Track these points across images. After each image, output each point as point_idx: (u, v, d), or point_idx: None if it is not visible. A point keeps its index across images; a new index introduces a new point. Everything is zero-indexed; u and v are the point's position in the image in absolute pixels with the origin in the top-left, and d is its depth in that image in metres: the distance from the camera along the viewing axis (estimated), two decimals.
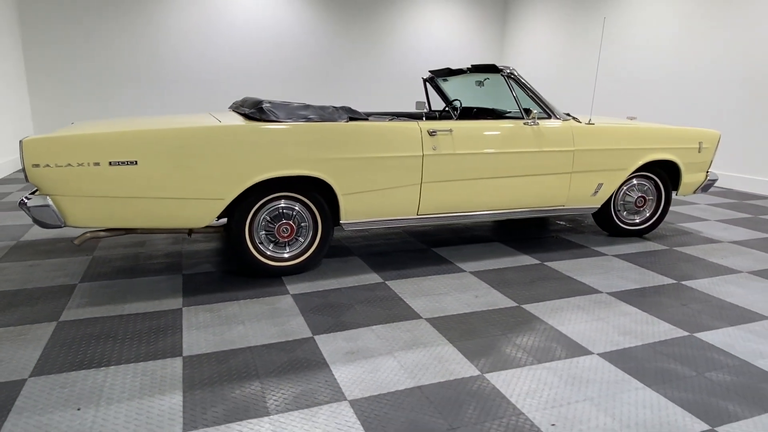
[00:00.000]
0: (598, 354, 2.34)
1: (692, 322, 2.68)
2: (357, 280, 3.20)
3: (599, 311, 2.79)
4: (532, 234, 4.28)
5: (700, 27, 6.73)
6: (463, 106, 4.69)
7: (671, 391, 2.05)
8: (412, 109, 10.03)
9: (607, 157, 3.83)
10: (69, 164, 2.65)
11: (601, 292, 3.05)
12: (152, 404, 1.93)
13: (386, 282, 3.18)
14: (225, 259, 3.55)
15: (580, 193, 3.83)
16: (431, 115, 4.81)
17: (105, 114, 8.14)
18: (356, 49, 9.36)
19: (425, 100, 4.97)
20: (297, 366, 2.21)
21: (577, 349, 2.38)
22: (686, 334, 2.54)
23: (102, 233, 2.92)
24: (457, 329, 2.56)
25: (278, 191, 3.11)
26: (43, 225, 2.71)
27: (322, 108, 3.21)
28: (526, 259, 3.63)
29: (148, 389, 2.02)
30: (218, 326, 2.56)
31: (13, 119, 6.96)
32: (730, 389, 2.07)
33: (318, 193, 3.21)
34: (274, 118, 3.08)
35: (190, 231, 3.16)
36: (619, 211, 4.16)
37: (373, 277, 3.25)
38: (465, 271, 3.39)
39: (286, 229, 3.17)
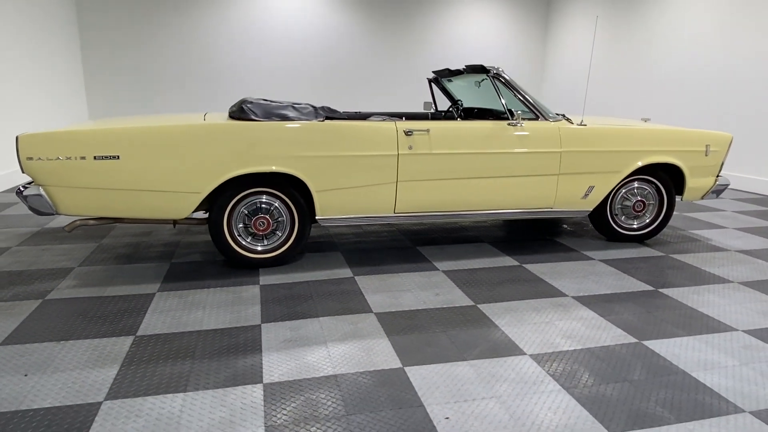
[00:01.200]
0: (529, 354, 2.33)
1: (648, 330, 2.60)
2: (329, 274, 3.31)
3: (553, 314, 2.76)
4: (525, 236, 4.23)
5: (744, 25, 6.34)
6: (465, 106, 4.70)
7: (585, 396, 2.02)
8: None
9: (598, 160, 3.73)
10: (58, 158, 2.93)
11: (566, 296, 3.00)
12: (87, 375, 2.13)
13: (355, 277, 3.27)
14: (216, 250, 3.76)
15: (568, 195, 3.76)
16: (437, 116, 4.84)
17: (155, 112, 8.70)
18: (392, 50, 9.46)
19: (431, 101, 5.00)
20: (232, 350, 2.35)
21: (510, 349, 2.38)
22: (634, 341, 2.48)
23: (91, 221, 3.19)
24: (400, 324, 2.62)
25: (256, 187, 3.28)
26: (38, 212, 3.00)
27: (302, 107, 3.35)
28: (506, 261, 3.61)
29: (92, 362, 2.23)
30: (180, 311, 2.75)
31: (71, 118, 7.58)
32: (653, 398, 2.02)
33: (294, 189, 3.35)
34: (253, 117, 3.25)
35: (174, 222, 3.39)
36: (616, 215, 4.04)
37: (345, 272, 3.36)
38: (438, 269, 3.43)
39: (263, 222, 3.33)
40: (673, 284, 3.21)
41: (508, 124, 3.58)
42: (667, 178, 4.00)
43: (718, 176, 4.11)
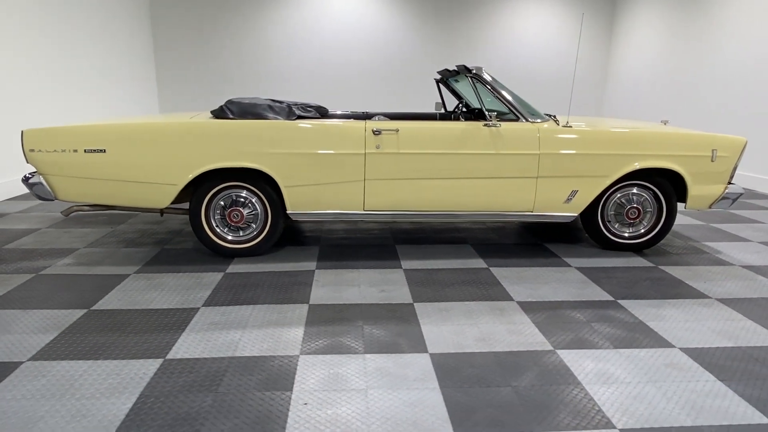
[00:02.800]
0: (429, 353, 2.34)
1: (570, 339, 2.49)
2: (293, 266, 3.47)
3: (481, 317, 2.72)
4: (515, 240, 4.13)
5: None
6: (472, 106, 4.66)
7: (452, 395, 2.02)
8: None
9: (581, 163, 3.58)
10: (55, 150, 3.33)
11: (512, 301, 2.94)
12: (25, 339, 2.44)
13: (316, 270, 3.40)
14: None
15: (549, 199, 3.63)
16: (445, 116, 4.84)
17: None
18: (444, 50, 9.45)
19: (441, 101, 4.99)
20: (160, 328, 2.57)
21: (413, 346, 2.40)
22: (549, 349, 2.40)
23: (86, 208, 3.58)
24: (326, 316, 2.72)
25: (232, 181, 3.51)
26: (40, 198, 3.43)
27: (278, 107, 3.53)
28: (476, 263, 3.57)
29: (35, 329, 2.54)
30: (141, 291, 3.03)
31: (141, 112, 8.37)
32: (522, 404, 1.97)
33: (267, 184, 3.54)
34: (230, 116, 3.49)
35: (162, 211, 3.70)
36: (609, 222, 3.84)
37: (309, 265, 3.49)
38: (401, 268, 3.47)
39: (236, 215, 3.56)
40: (638, 296, 3.03)
41: (484, 125, 3.54)
42: (666, 184, 3.74)
43: (729, 183, 3.77)
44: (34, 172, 3.45)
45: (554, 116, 3.93)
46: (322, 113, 4.45)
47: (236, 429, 1.81)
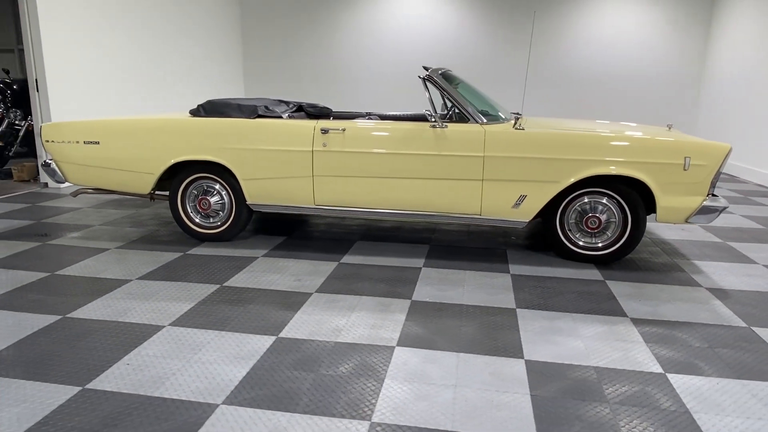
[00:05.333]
0: (276, 337, 2.50)
1: (424, 337, 2.49)
2: (242, 253, 3.78)
3: (363, 313, 2.79)
4: (489, 243, 4.05)
5: None
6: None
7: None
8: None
9: (529, 167, 3.43)
10: (63, 141, 3.99)
11: (408, 299, 2.96)
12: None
13: (259, 258, 3.68)
14: None
15: (495, 203, 3.54)
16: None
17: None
18: (521, 50, 9.19)
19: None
20: (95, 292, 3.02)
21: (261, 329, 2.57)
22: (392, 345, 2.43)
23: (90, 190, 4.21)
24: (226, 298, 2.98)
25: (202, 173, 3.92)
26: (56, 181, 4.13)
27: (246, 107, 3.86)
28: (415, 263, 3.60)
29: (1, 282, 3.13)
30: (105, 263, 3.54)
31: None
32: (303, 391, 2.07)
33: (232, 177, 3.89)
34: (201, 114, 3.90)
35: (151, 197, 4.21)
36: (570, 231, 3.62)
37: (256, 252, 3.78)
38: (338, 262, 3.61)
39: (205, 203, 3.96)
40: (546, 307, 2.87)
41: (431, 126, 3.56)
42: (632, 193, 3.44)
43: (708, 195, 3.37)
44: (51, 160, 4.15)
45: (517, 115, 3.79)
46: (325, 114, 4.72)
47: (339, 405, 1.98)
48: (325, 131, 3.65)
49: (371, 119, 4.53)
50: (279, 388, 2.08)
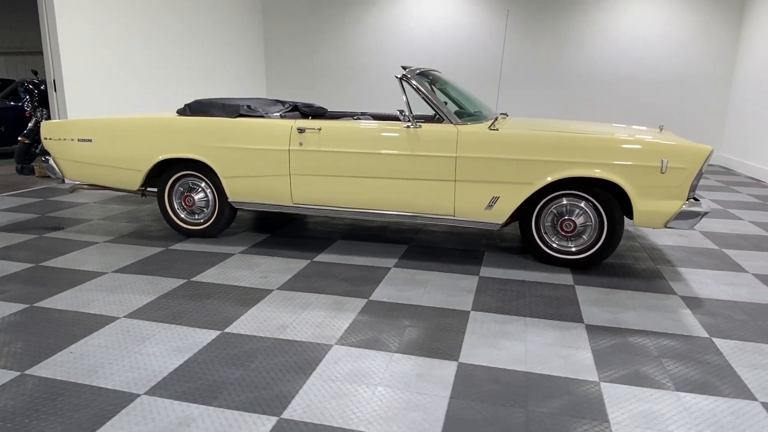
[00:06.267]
0: (221, 331, 2.56)
1: (360, 338, 2.49)
2: (219, 249, 3.86)
3: (315, 311, 2.82)
4: (461, 245, 4.00)
5: None
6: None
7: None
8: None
9: (501, 168, 3.38)
10: (60, 138, 4.17)
11: (364, 299, 2.97)
12: None
13: (236, 254, 3.75)
14: None
15: (468, 204, 3.49)
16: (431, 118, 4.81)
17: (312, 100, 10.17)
18: (548, 50, 9.02)
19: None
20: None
21: (213, 324, 2.63)
22: (328, 343, 2.44)
23: (85, 186, 4.39)
24: (193, 293, 3.06)
25: (188, 170, 4.02)
26: (54, 177, 4.32)
27: (229, 106, 3.94)
28: (385, 263, 3.59)
29: None
30: (89, 254, 3.69)
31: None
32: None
33: (215, 175, 3.98)
34: (187, 113, 4.01)
35: (142, 193, 4.35)
36: (546, 234, 3.54)
37: (234, 249, 3.85)
38: (310, 260, 3.64)
39: (190, 200, 4.07)
40: (502, 311, 2.82)
41: (405, 126, 3.55)
42: (608, 197, 3.34)
43: (694, 200, 3.23)
44: (49, 157, 4.35)
45: (497, 116, 3.73)
46: (319, 114, 4.77)
47: (256, 401, 2.01)
48: (301, 131, 3.69)
49: (360, 119, 4.55)
50: (204, 381, 2.12)
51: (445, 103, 4.22)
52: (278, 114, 4.13)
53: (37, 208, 5.06)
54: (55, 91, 6.11)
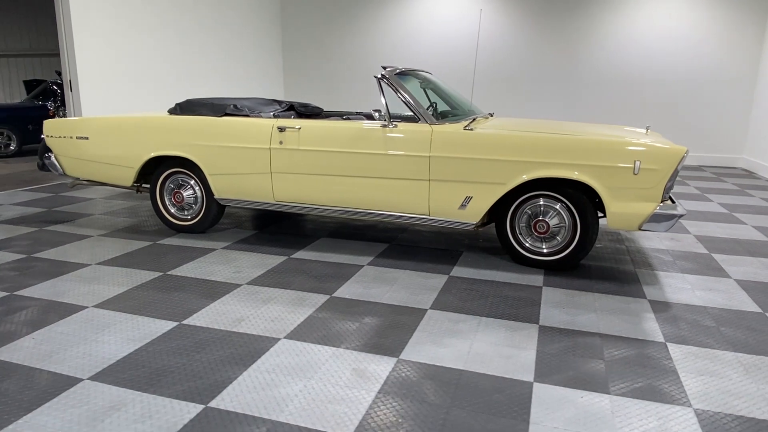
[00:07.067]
0: (173, 328, 2.65)
1: (296, 330, 2.54)
2: (205, 244, 3.97)
3: (272, 306, 2.88)
4: (442, 245, 4.01)
5: None
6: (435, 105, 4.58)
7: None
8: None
9: (472, 168, 3.37)
10: (59, 136, 4.36)
11: (327, 295, 3.01)
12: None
13: (218, 249, 3.85)
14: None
15: (442, 204, 3.50)
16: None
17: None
18: (572, 51, 8.90)
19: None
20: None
21: (162, 315, 2.72)
22: (274, 337, 2.50)
23: (84, 182, 4.57)
24: (166, 285, 3.17)
25: (177, 168, 4.16)
26: (56, 172, 4.52)
27: (216, 105, 4.06)
28: (359, 260, 3.63)
29: None
30: (85, 248, 3.86)
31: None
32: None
33: (201, 172, 4.09)
34: (178, 112, 4.14)
35: (137, 189, 4.50)
36: (521, 235, 3.51)
37: (217, 245, 3.95)
38: (287, 256, 3.71)
39: (179, 196, 4.19)
40: (460, 310, 2.82)
41: (381, 125, 3.58)
42: (580, 197, 3.30)
43: (665, 202, 3.16)
44: (51, 153, 4.55)
45: (474, 118, 3.72)
46: (315, 114, 4.86)
47: (189, 389, 2.07)
48: (281, 129, 3.76)
49: (351, 119, 4.60)
50: (147, 369, 2.21)
51: (435, 103, 4.25)
52: (272, 113, 4.21)
53: (47, 203, 5.30)
54: (71, 90, 6.37)
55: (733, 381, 2.18)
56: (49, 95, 9.35)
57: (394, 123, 3.56)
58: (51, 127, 4.40)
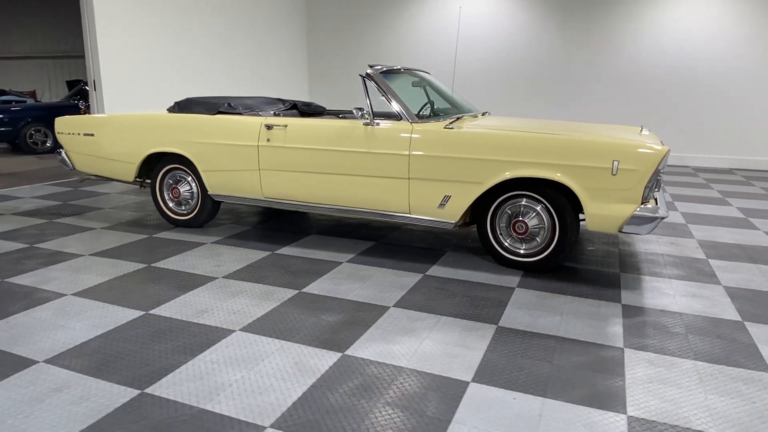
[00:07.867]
0: (138, 317, 2.74)
1: (254, 323, 2.59)
2: (197, 238, 4.08)
3: (231, 300, 2.95)
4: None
5: None
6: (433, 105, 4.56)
7: None
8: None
9: (450, 166, 3.35)
10: (69, 133, 4.58)
11: (298, 291, 3.06)
12: None
13: (207, 244, 3.96)
14: None
15: (422, 202, 3.49)
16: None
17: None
18: (587, 52, 8.70)
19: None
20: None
21: (134, 306, 2.82)
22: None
23: (93, 177, 4.77)
24: (151, 277, 3.29)
25: (175, 164, 4.30)
26: (67, 167, 4.75)
27: (211, 104, 4.17)
28: (339, 257, 3.66)
29: None
30: (86, 240, 4.04)
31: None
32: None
33: (196, 168, 4.22)
34: (176, 110, 4.28)
35: (141, 184, 4.67)
36: (501, 235, 3.46)
37: (209, 239, 4.06)
38: (271, 252, 3.78)
39: (176, 192, 4.33)
40: (419, 308, 2.81)
41: (363, 124, 3.60)
42: (559, 198, 3.22)
43: (646, 203, 3.05)
44: (62, 149, 4.77)
45: (458, 117, 3.69)
46: (317, 112, 4.93)
47: (133, 375, 2.44)
48: (269, 127, 3.84)
49: (346, 118, 4.63)
50: (100, 355, 2.31)
51: (432, 102, 4.24)
52: (272, 112, 4.30)
53: (64, 196, 5.56)
54: (95, 90, 6.66)
55: (681, 390, 2.09)
56: (84, 95, 9.80)
57: (376, 121, 3.57)
58: (62, 125, 4.62)
